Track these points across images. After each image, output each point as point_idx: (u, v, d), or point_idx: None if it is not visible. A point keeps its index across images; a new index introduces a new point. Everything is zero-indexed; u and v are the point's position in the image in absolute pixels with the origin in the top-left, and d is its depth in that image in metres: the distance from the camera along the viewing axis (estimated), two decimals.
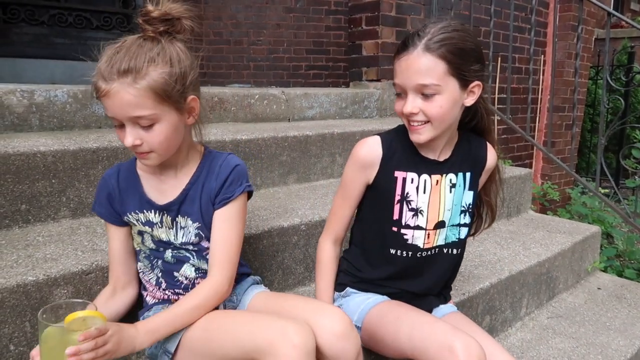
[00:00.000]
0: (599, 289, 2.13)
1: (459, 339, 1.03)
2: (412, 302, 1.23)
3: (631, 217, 2.50)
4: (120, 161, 1.52)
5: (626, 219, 2.50)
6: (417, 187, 1.20)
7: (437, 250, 1.24)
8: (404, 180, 1.20)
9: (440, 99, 1.09)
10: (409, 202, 1.20)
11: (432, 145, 1.19)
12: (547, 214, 2.90)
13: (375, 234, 1.25)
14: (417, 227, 1.21)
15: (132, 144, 1.00)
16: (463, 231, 1.26)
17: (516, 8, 3.51)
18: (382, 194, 1.21)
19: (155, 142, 1.01)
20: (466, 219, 1.26)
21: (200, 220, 1.11)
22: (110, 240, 1.16)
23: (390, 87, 2.87)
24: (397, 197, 1.20)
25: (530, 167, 4.16)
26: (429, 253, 1.23)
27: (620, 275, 2.51)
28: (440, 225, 1.22)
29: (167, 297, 1.16)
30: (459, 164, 1.23)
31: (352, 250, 1.32)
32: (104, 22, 3.81)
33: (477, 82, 1.13)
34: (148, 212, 1.11)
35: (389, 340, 1.15)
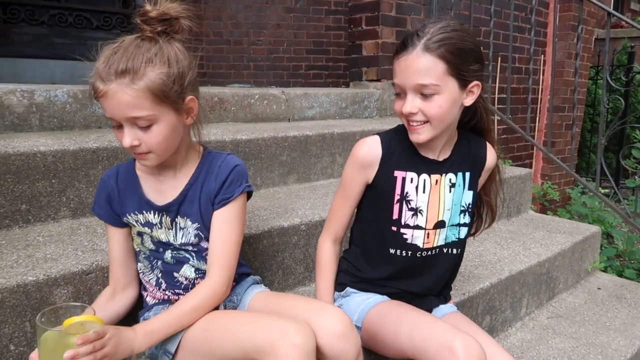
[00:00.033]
0: (599, 289, 2.13)
1: (459, 338, 1.03)
2: (412, 302, 1.23)
3: (631, 217, 2.50)
4: (120, 161, 1.52)
5: (626, 219, 2.50)
6: (417, 187, 1.20)
7: (437, 250, 1.24)
8: (404, 179, 1.20)
9: (439, 99, 1.09)
10: (408, 201, 1.20)
11: (432, 144, 1.19)
12: (547, 214, 2.90)
13: (374, 234, 1.25)
14: (417, 227, 1.21)
15: (130, 144, 1.00)
16: (463, 231, 1.26)
17: (516, 8, 3.51)
18: (381, 193, 1.21)
19: (154, 143, 1.01)
20: (466, 218, 1.26)
21: (200, 221, 1.11)
22: (110, 242, 1.16)
23: (390, 87, 2.87)
24: (397, 196, 1.20)
25: (530, 167, 4.16)
26: (428, 253, 1.23)
27: (620, 275, 2.50)
28: (440, 225, 1.22)
29: (167, 297, 1.15)
30: (458, 163, 1.23)
31: (352, 250, 1.32)
32: (104, 22, 3.81)
33: (476, 82, 1.13)
34: (147, 213, 1.11)
35: (389, 340, 1.15)
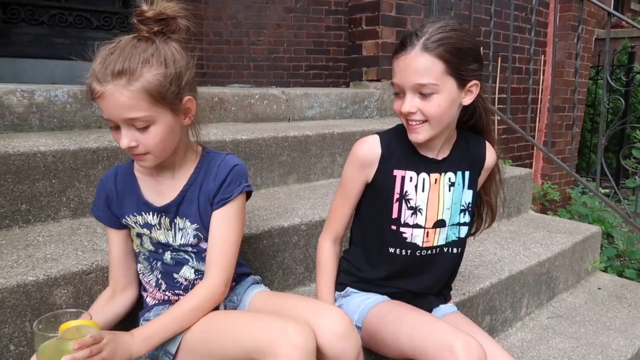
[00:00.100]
0: (599, 289, 2.13)
1: (459, 338, 1.03)
2: (412, 302, 1.23)
3: (631, 217, 2.50)
4: (120, 161, 1.52)
5: (626, 219, 2.50)
6: (416, 186, 1.20)
7: (437, 250, 1.24)
8: (403, 178, 1.20)
9: (438, 98, 1.09)
10: (407, 200, 1.20)
11: (431, 144, 1.19)
12: (547, 214, 2.90)
13: (374, 233, 1.25)
14: (416, 226, 1.21)
15: (128, 145, 0.99)
16: (463, 230, 1.26)
17: (516, 8, 3.51)
18: (381, 192, 1.21)
19: (151, 144, 1.00)
20: (466, 218, 1.26)
21: (199, 222, 1.11)
22: (109, 243, 1.15)
23: (390, 87, 2.86)
24: (396, 195, 1.20)
25: (531, 167, 4.16)
26: (428, 252, 1.23)
27: (620, 275, 2.50)
28: (440, 224, 1.22)
29: (167, 298, 1.15)
30: (457, 162, 1.23)
31: (352, 249, 1.32)
32: (104, 22, 3.81)
33: (475, 82, 1.13)
34: (146, 214, 1.11)
35: (389, 340, 1.15)
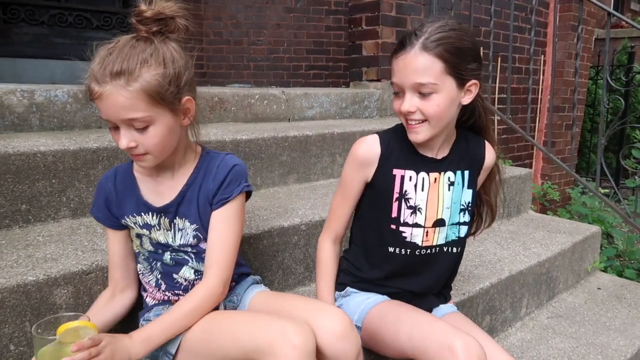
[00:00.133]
0: (599, 289, 2.13)
1: (459, 338, 1.03)
2: (412, 302, 1.23)
3: (631, 217, 2.50)
4: (120, 161, 1.52)
5: (626, 219, 2.50)
6: (415, 185, 1.20)
7: (437, 249, 1.24)
8: (402, 178, 1.20)
9: (437, 98, 1.09)
10: (407, 199, 1.20)
11: (430, 143, 1.19)
12: (547, 214, 2.90)
13: (374, 232, 1.25)
14: (416, 225, 1.21)
15: (127, 146, 0.99)
16: (463, 230, 1.26)
17: (516, 8, 3.51)
18: (380, 192, 1.21)
19: (150, 144, 1.00)
20: (466, 217, 1.26)
21: (198, 222, 1.11)
22: (109, 244, 1.15)
23: (390, 87, 2.86)
24: (396, 194, 1.20)
25: (530, 167, 4.16)
26: (428, 251, 1.23)
27: (620, 275, 2.50)
28: (440, 223, 1.22)
29: (167, 298, 1.15)
30: (457, 162, 1.23)
31: (352, 249, 1.32)
32: (104, 22, 3.82)
33: (474, 81, 1.13)
34: (145, 215, 1.11)
35: (389, 340, 1.15)
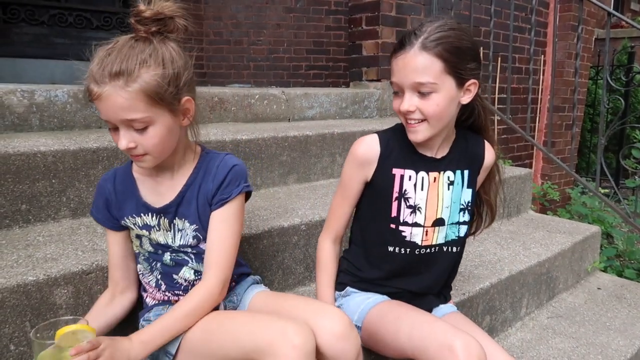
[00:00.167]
0: (599, 289, 2.13)
1: (459, 338, 1.03)
2: (412, 302, 1.23)
3: (631, 217, 2.50)
4: (120, 161, 1.52)
5: (626, 219, 2.50)
6: (415, 185, 1.20)
7: (437, 248, 1.24)
8: (402, 177, 1.20)
9: (436, 97, 1.09)
10: (406, 199, 1.20)
11: (430, 143, 1.19)
12: (547, 214, 2.90)
13: (373, 232, 1.25)
14: (415, 224, 1.21)
15: (126, 146, 0.99)
16: (463, 229, 1.27)
17: (516, 8, 3.51)
18: (380, 191, 1.21)
19: (150, 145, 1.00)
20: (465, 216, 1.26)
21: (198, 222, 1.10)
22: (109, 245, 1.15)
23: (390, 87, 2.86)
24: (395, 194, 1.20)
25: (530, 167, 4.16)
26: (427, 250, 1.23)
27: (620, 275, 2.51)
28: (439, 222, 1.22)
29: (167, 298, 1.15)
30: (456, 161, 1.23)
31: (352, 249, 1.32)
32: (104, 22, 3.82)
33: (473, 80, 1.13)
34: (145, 216, 1.11)
35: (389, 340, 1.15)
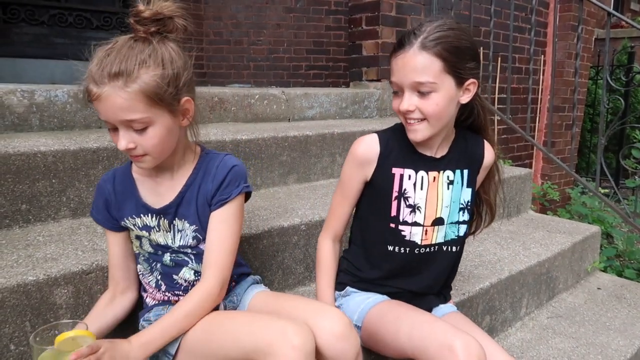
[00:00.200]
0: (598, 289, 2.13)
1: (459, 338, 1.03)
2: (412, 302, 1.23)
3: (631, 217, 2.50)
4: (120, 161, 1.52)
5: (626, 219, 2.50)
6: (414, 184, 1.20)
7: (436, 248, 1.24)
8: (401, 176, 1.20)
9: (436, 97, 1.10)
10: (406, 198, 1.20)
11: (429, 142, 1.20)
12: (547, 214, 2.90)
13: (373, 231, 1.25)
14: (415, 224, 1.21)
15: (126, 147, 0.99)
16: (462, 229, 1.27)
17: (516, 8, 3.51)
18: (379, 191, 1.22)
19: (149, 146, 1.00)
20: (465, 216, 1.26)
21: (197, 223, 1.10)
22: (109, 245, 1.15)
23: (390, 87, 2.86)
24: (395, 193, 1.20)
25: (530, 167, 4.16)
26: (427, 250, 1.24)
27: (620, 275, 2.51)
28: (439, 222, 1.22)
29: (167, 298, 1.15)
30: (456, 161, 1.24)
31: (352, 249, 1.32)
32: (104, 22, 3.82)
33: (473, 80, 1.14)
34: (145, 217, 1.11)
35: (388, 340, 1.15)
